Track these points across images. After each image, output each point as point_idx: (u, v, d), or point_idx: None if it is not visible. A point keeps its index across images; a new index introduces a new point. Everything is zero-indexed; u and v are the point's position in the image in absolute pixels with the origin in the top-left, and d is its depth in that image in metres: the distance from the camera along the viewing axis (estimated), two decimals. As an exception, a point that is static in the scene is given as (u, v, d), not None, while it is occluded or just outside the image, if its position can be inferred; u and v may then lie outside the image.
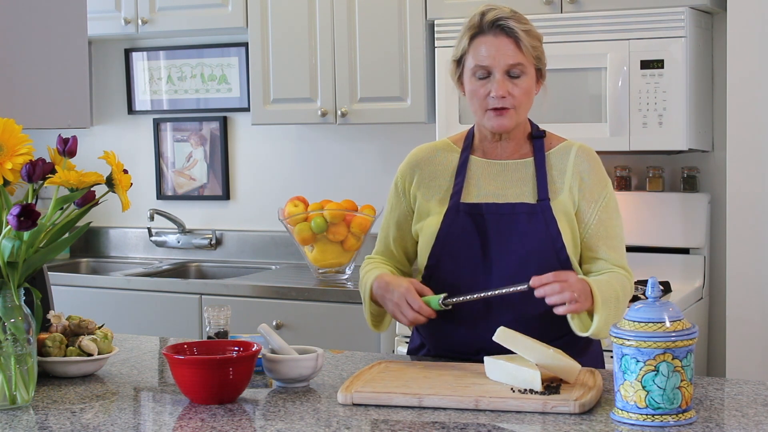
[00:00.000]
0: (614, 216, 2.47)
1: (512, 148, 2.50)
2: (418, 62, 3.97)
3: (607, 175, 2.51)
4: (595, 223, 2.44)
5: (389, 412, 2.03)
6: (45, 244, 2.15)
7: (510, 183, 2.47)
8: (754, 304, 3.45)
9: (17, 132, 2.10)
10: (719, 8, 3.66)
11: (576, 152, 2.48)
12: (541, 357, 2.13)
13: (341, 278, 4.08)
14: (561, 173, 2.46)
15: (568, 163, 2.47)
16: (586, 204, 2.45)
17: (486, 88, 2.41)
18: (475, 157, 2.52)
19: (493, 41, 2.40)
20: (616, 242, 2.46)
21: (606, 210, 2.46)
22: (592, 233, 2.44)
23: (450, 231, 2.45)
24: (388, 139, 4.38)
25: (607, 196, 2.47)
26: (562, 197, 2.44)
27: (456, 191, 2.48)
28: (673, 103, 3.51)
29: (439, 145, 2.59)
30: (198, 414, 2.04)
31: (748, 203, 3.44)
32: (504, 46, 2.40)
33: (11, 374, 2.10)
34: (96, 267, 4.85)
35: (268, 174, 4.66)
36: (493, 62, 2.40)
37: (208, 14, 4.34)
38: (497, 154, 2.51)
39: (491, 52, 2.40)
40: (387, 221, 2.61)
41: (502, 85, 2.39)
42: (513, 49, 2.40)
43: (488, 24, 2.41)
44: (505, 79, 2.40)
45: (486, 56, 2.40)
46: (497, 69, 2.40)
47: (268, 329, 2.30)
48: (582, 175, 2.46)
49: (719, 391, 2.16)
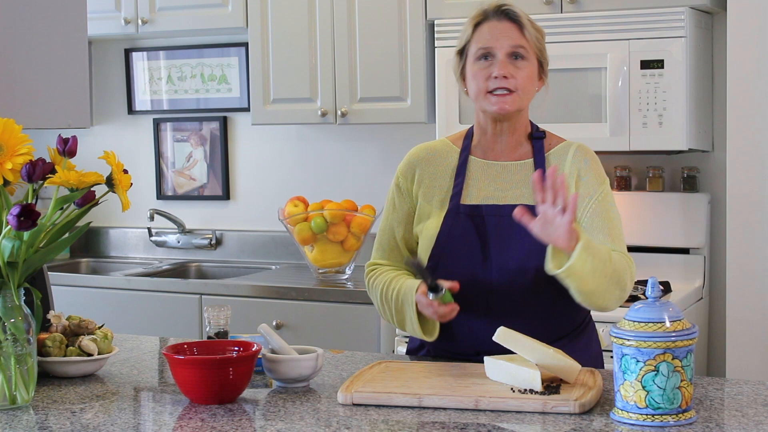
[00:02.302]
0: (610, 209, 2.45)
1: (512, 146, 2.49)
2: (418, 62, 3.97)
3: (606, 176, 2.50)
4: (590, 214, 2.42)
5: (389, 412, 2.03)
6: (45, 244, 2.15)
7: (510, 184, 2.46)
8: (754, 304, 3.45)
9: (17, 132, 2.10)
10: (719, 8, 3.66)
11: (574, 151, 2.48)
12: (541, 357, 2.13)
13: (341, 278, 4.08)
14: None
15: (566, 162, 2.46)
16: (581, 199, 2.42)
17: (488, 71, 2.42)
18: (474, 158, 2.51)
19: (496, 24, 2.43)
20: (615, 232, 2.43)
21: (601, 203, 2.43)
22: (586, 225, 2.42)
23: (450, 233, 2.44)
24: (388, 139, 4.38)
25: (603, 192, 2.45)
26: None
27: (456, 192, 2.48)
28: (673, 103, 3.51)
29: (437, 145, 2.58)
30: (198, 414, 2.04)
31: (748, 203, 3.44)
32: (507, 30, 2.42)
33: (11, 374, 2.10)
34: (96, 267, 4.84)
35: (268, 174, 4.65)
36: (496, 43, 2.41)
37: (208, 14, 4.34)
38: (497, 155, 2.50)
39: (494, 34, 2.42)
40: (389, 223, 2.57)
41: (504, 65, 2.40)
42: (516, 33, 2.42)
43: (492, 10, 2.44)
44: (508, 61, 2.41)
45: (489, 38, 2.42)
46: (500, 50, 2.41)
47: (268, 329, 2.30)
48: (579, 173, 2.45)
49: (719, 391, 2.16)
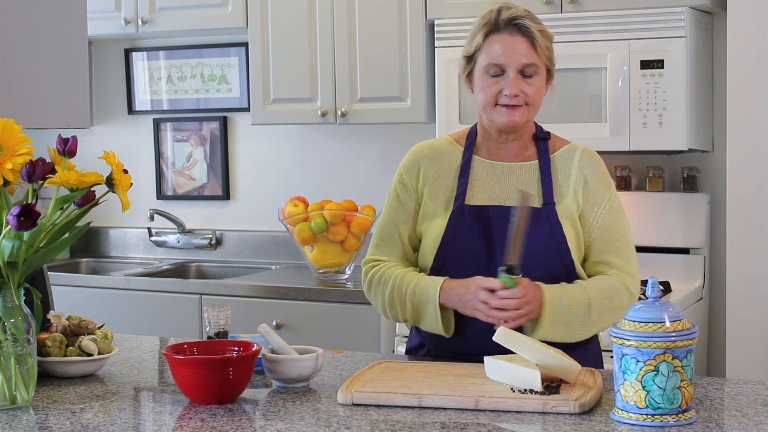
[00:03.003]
0: (618, 218, 2.45)
1: (517, 150, 2.48)
2: (418, 62, 3.97)
3: (611, 178, 2.50)
4: (599, 226, 2.42)
5: (389, 412, 2.03)
6: (45, 244, 2.15)
7: (515, 186, 2.45)
8: (754, 304, 3.44)
9: (17, 132, 2.10)
10: (719, 8, 3.66)
11: (580, 156, 2.47)
12: (541, 357, 2.13)
13: (341, 278, 4.08)
14: (566, 177, 2.45)
15: (573, 166, 2.45)
16: (590, 207, 2.43)
17: (498, 86, 2.39)
18: (478, 158, 2.50)
19: (508, 39, 2.39)
20: (620, 245, 2.43)
21: (610, 212, 2.43)
22: (596, 237, 2.42)
23: (456, 233, 2.43)
24: (388, 139, 4.38)
25: (611, 199, 2.45)
26: (566, 201, 2.43)
27: (460, 192, 2.46)
28: (673, 103, 3.50)
29: (440, 143, 2.56)
30: (198, 414, 2.04)
31: (748, 203, 3.44)
32: (519, 46, 2.38)
33: (11, 374, 2.10)
34: (96, 267, 4.84)
35: (268, 174, 4.65)
36: (508, 60, 2.38)
37: (208, 14, 4.34)
38: (502, 156, 2.49)
39: (506, 51, 2.38)
40: (391, 219, 2.53)
41: (515, 83, 2.38)
42: (528, 49, 2.38)
43: (504, 22, 2.40)
44: (519, 78, 2.39)
45: (501, 54, 2.38)
46: (511, 68, 2.38)
47: (268, 329, 2.30)
48: (586, 179, 2.44)
49: (719, 391, 2.16)
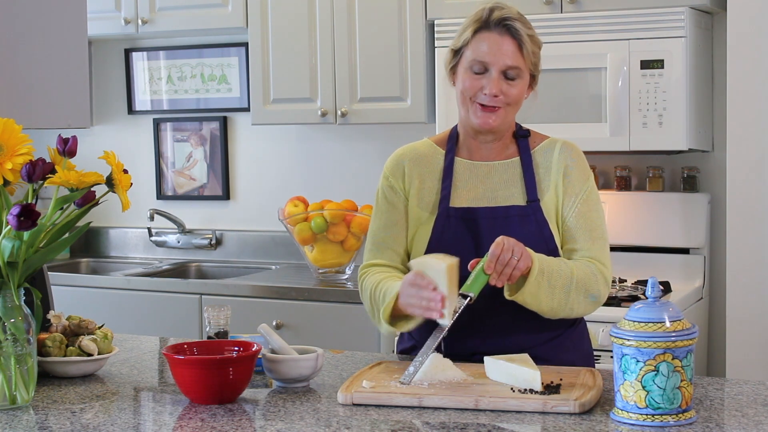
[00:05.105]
0: (595, 209, 2.44)
1: (498, 148, 2.48)
2: (418, 62, 3.97)
3: (590, 170, 2.49)
4: (575, 214, 2.42)
5: (389, 412, 2.03)
6: (45, 244, 2.15)
7: (498, 185, 2.45)
8: (754, 304, 3.44)
9: (17, 132, 2.10)
10: (719, 8, 3.66)
11: (560, 148, 2.47)
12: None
13: (341, 278, 4.08)
14: (547, 171, 2.45)
15: (553, 158, 2.45)
16: (568, 197, 2.43)
17: (479, 83, 2.39)
18: (460, 159, 2.49)
19: (496, 38, 2.38)
20: (595, 234, 2.42)
21: (586, 203, 2.43)
22: (571, 225, 2.42)
23: (442, 237, 2.42)
24: (388, 139, 4.38)
25: (588, 189, 2.44)
26: (549, 195, 2.43)
27: (444, 195, 2.45)
28: (673, 103, 3.50)
29: (421, 147, 2.54)
30: (198, 414, 2.04)
31: (748, 203, 3.44)
32: (506, 46, 2.38)
33: (11, 374, 2.10)
34: (96, 267, 4.84)
35: (268, 174, 4.65)
36: (493, 59, 2.38)
37: (208, 14, 4.34)
38: (483, 155, 2.48)
39: (492, 49, 2.38)
40: (383, 223, 2.50)
41: (496, 83, 2.37)
42: (514, 51, 2.38)
43: (495, 21, 2.39)
44: (501, 79, 2.38)
45: (486, 52, 2.38)
46: (495, 67, 2.38)
47: (268, 329, 2.30)
48: (566, 170, 2.44)
49: (719, 391, 2.16)
